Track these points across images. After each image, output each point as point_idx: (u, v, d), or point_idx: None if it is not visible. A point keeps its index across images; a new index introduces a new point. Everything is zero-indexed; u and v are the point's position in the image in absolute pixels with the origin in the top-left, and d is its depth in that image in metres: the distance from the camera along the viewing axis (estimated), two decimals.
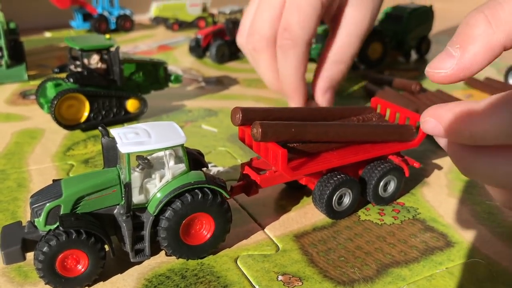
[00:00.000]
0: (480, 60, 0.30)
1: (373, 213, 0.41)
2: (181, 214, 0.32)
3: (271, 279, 0.32)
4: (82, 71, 0.55)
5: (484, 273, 0.33)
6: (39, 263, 0.30)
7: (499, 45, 0.30)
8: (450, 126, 0.28)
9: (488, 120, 0.27)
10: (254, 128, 0.35)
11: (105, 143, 0.34)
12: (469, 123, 0.28)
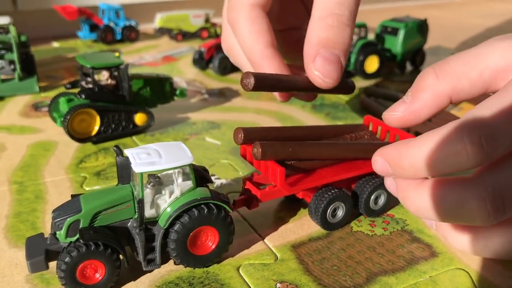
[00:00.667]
0: (428, 106, 0.35)
1: (364, 224, 0.44)
2: (188, 227, 0.36)
3: (270, 287, 0.36)
4: (93, 87, 0.58)
5: (465, 281, 0.37)
6: (61, 272, 0.33)
7: (445, 95, 0.35)
8: (394, 161, 0.33)
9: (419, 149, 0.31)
10: (254, 148, 0.38)
11: (119, 162, 0.37)
12: (407, 155, 0.32)
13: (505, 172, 0.31)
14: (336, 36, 0.38)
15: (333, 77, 0.37)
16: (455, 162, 0.31)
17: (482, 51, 0.36)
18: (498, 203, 0.31)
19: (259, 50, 0.39)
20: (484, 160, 0.30)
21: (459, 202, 0.32)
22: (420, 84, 0.37)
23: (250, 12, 0.40)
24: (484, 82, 0.35)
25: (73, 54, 1.03)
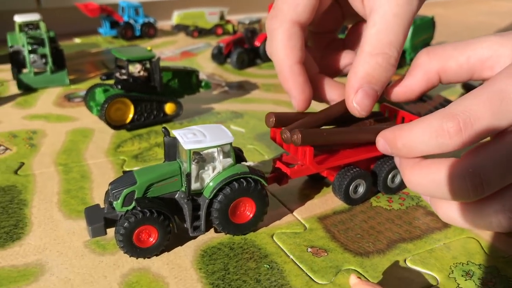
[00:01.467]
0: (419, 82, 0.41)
1: (382, 200, 0.48)
2: (230, 198, 0.40)
3: (302, 251, 0.40)
4: (128, 79, 0.63)
5: (475, 247, 0.41)
6: (120, 236, 0.38)
7: (434, 72, 0.41)
8: (390, 141, 0.39)
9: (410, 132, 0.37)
10: (294, 135, 0.42)
11: (167, 141, 0.42)
12: (401, 136, 0.38)
13: (484, 155, 0.36)
14: (381, 75, 0.42)
15: (367, 111, 0.43)
16: (440, 143, 0.36)
17: (472, 41, 0.41)
18: (476, 182, 0.35)
19: (289, 64, 0.44)
20: (463, 143, 0.36)
21: (445, 180, 0.37)
22: (414, 62, 0.43)
23: (290, 28, 0.44)
24: (470, 68, 0.41)
25: (95, 50, 1.07)
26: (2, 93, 0.79)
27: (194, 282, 0.37)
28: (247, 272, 0.38)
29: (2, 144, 0.60)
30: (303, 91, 0.44)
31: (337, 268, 0.38)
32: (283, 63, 0.45)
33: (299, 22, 0.45)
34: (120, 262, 0.39)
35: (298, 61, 0.44)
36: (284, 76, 0.45)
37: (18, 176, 0.53)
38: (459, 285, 0.37)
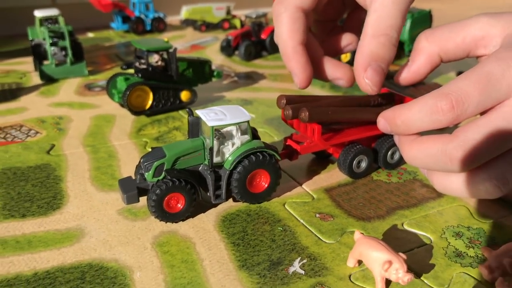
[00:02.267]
0: (424, 65, 0.46)
1: (383, 175, 0.53)
2: (247, 169, 0.45)
3: (311, 216, 0.45)
4: (147, 68, 0.68)
5: (464, 213, 0.46)
6: (152, 202, 0.42)
7: (435, 54, 0.46)
8: (390, 120, 0.44)
9: (408, 111, 0.42)
10: (302, 113, 0.46)
11: (190, 120, 0.46)
12: (400, 115, 0.42)
13: (474, 130, 0.41)
14: (385, 53, 0.46)
15: (378, 86, 0.47)
16: (435, 120, 0.41)
17: (466, 22, 0.46)
18: (467, 154, 0.40)
19: (292, 45, 0.48)
20: (455, 119, 0.40)
21: (439, 152, 0.41)
22: (415, 47, 0.47)
23: (294, 12, 0.49)
24: (466, 47, 0.46)
25: (108, 43, 1.12)
26: (26, 83, 0.84)
27: (217, 241, 0.42)
28: (263, 233, 0.43)
29: (32, 128, 0.65)
30: (305, 70, 0.48)
31: (342, 230, 0.43)
32: (287, 44, 0.49)
33: (303, 8, 0.49)
34: (151, 226, 0.44)
35: (301, 42, 0.48)
36: (288, 56, 0.49)
37: (50, 156, 0.57)
38: (450, 243, 0.42)
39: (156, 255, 0.40)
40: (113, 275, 0.38)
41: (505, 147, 0.42)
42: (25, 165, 0.55)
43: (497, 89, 0.40)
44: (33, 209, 0.47)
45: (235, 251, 0.40)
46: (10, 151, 0.58)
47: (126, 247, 0.41)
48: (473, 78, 0.41)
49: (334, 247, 0.41)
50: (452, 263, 0.39)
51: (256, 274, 0.38)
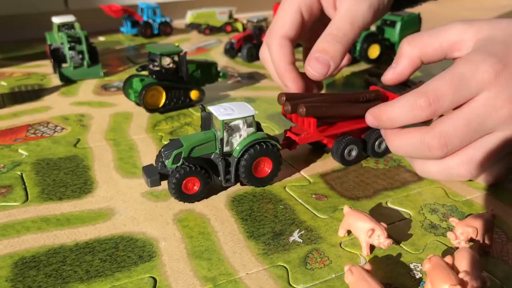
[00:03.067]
0: (407, 67, 0.53)
1: (371, 162, 0.60)
2: (253, 157, 0.52)
3: (308, 197, 0.52)
4: (160, 70, 0.75)
5: (441, 193, 0.53)
6: (172, 184, 0.49)
7: (417, 57, 0.53)
8: (378, 117, 0.51)
9: (392, 108, 0.49)
10: (300, 108, 0.54)
11: (203, 115, 0.53)
12: (385, 111, 0.50)
13: (448, 123, 0.48)
14: (328, 47, 0.58)
15: (319, 73, 0.58)
16: (415, 115, 0.48)
17: (443, 28, 0.53)
18: (442, 143, 0.47)
19: (283, 65, 0.61)
20: (432, 113, 0.48)
21: (419, 143, 0.49)
22: (399, 51, 0.55)
23: (281, 40, 0.62)
24: (443, 50, 0.53)
25: (119, 47, 1.19)
26: (46, 84, 0.91)
27: (228, 217, 0.49)
28: (267, 211, 0.50)
29: (58, 125, 0.72)
30: (296, 83, 0.61)
31: (334, 208, 0.50)
32: (279, 65, 0.61)
33: (288, 36, 0.62)
34: (171, 206, 0.51)
35: (290, 62, 0.61)
36: (281, 74, 0.61)
37: (77, 148, 0.64)
38: (426, 218, 0.49)
39: (177, 228, 0.47)
40: (142, 245, 0.45)
41: (475, 137, 0.49)
42: (56, 157, 0.62)
43: (468, 88, 0.48)
44: (67, 193, 0.54)
45: (243, 225, 0.48)
46: (41, 144, 0.65)
47: (151, 222, 0.48)
48: (447, 79, 0.48)
49: (327, 221, 0.48)
50: (427, 233, 0.46)
51: (262, 243, 0.45)
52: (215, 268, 0.42)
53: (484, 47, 0.49)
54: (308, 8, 0.62)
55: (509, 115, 0.47)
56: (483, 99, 0.48)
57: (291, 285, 0.40)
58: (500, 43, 0.49)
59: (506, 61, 0.47)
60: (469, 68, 0.48)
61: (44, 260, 0.43)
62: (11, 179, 0.56)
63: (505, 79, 0.47)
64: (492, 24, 0.52)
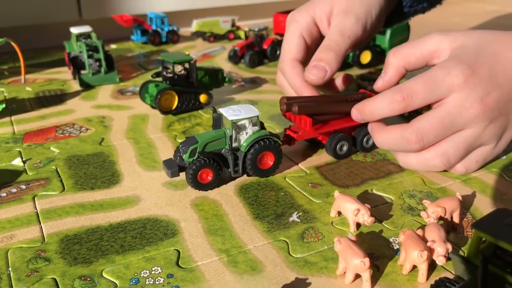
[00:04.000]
0: (394, 76, 0.61)
1: (360, 156, 0.68)
2: (258, 151, 0.60)
3: (305, 185, 0.60)
4: (173, 76, 0.83)
5: (419, 181, 0.61)
6: (190, 175, 0.57)
7: (401, 67, 0.62)
8: (361, 110, 0.59)
9: (373, 102, 0.57)
10: (293, 107, 0.62)
11: (215, 116, 0.61)
12: (367, 106, 0.58)
13: (424, 120, 0.56)
14: (324, 56, 0.67)
15: (318, 77, 0.67)
16: (392, 108, 0.56)
17: (423, 39, 0.61)
18: (419, 137, 0.55)
19: (298, 82, 0.70)
20: (406, 107, 0.56)
21: (400, 138, 0.57)
22: (386, 62, 0.63)
23: (291, 63, 0.72)
24: (424, 59, 0.61)
25: (130, 54, 1.27)
26: (67, 89, 0.99)
27: (237, 202, 0.57)
28: (270, 197, 0.58)
29: (83, 126, 0.80)
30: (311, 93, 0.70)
31: (327, 194, 0.58)
32: (294, 83, 0.71)
33: (296, 59, 0.72)
34: (188, 194, 0.59)
35: (303, 79, 0.70)
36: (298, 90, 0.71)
37: (102, 146, 0.72)
38: (405, 201, 0.57)
39: (194, 211, 0.55)
40: (166, 225, 0.53)
41: (447, 133, 0.57)
42: (84, 153, 0.70)
43: (439, 88, 0.56)
44: (98, 184, 0.62)
45: (250, 208, 0.56)
46: (70, 143, 0.73)
47: (172, 207, 0.56)
48: (421, 80, 0.56)
49: (321, 205, 0.56)
50: (406, 214, 0.54)
51: (266, 222, 0.53)
52: (228, 242, 0.50)
53: (457, 56, 0.57)
54: (308, 32, 0.72)
55: (477, 114, 0.55)
56: (454, 100, 0.55)
57: (291, 254, 0.48)
58: (471, 52, 0.57)
59: (475, 68, 0.55)
60: (442, 72, 0.56)
61: (84, 237, 0.51)
62: (47, 173, 0.65)
63: (473, 83, 0.55)
64: (466, 35, 0.60)
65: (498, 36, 0.59)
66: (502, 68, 0.56)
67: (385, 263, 0.47)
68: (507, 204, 0.56)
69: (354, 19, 0.68)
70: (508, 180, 0.61)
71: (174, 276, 0.45)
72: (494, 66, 0.56)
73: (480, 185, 0.60)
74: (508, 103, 0.56)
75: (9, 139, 0.75)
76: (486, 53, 0.57)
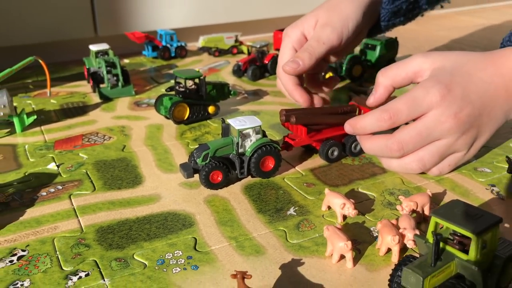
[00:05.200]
0: (383, 93, 0.71)
1: (349, 160, 0.78)
2: (260, 156, 0.69)
3: (300, 185, 0.70)
4: (185, 90, 0.93)
5: (398, 181, 0.70)
6: (203, 176, 0.67)
7: (389, 86, 0.71)
8: (353, 126, 0.69)
9: (364, 119, 0.66)
10: (291, 118, 0.72)
11: (223, 126, 0.71)
12: (358, 122, 0.67)
13: (405, 132, 0.65)
14: (299, 54, 0.82)
15: (291, 67, 0.81)
16: (379, 125, 0.66)
17: (408, 61, 0.70)
18: (399, 146, 0.65)
19: (290, 86, 0.84)
20: (392, 124, 0.65)
21: (384, 146, 0.66)
22: (376, 81, 0.73)
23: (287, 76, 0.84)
24: (409, 78, 0.70)
25: (142, 68, 1.37)
26: (88, 102, 1.09)
27: (243, 199, 0.66)
28: (271, 195, 0.68)
29: (105, 134, 0.90)
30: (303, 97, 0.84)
31: (320, 192, 0.68)
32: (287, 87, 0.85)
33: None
34: (201, 192, 0.69)
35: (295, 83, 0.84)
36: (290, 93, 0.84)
37: (124, 152, 0.82)
38: (385, 198, 0.66)
39: (207, 207, 0.65)
40: (183, 217, 0.63)
41: (424, 143, 0.66)
42: (109, 159, 0.80)
43: (419, 107, 0.65)
44: (124, 184, 0.72)
45: (254, 204, 0.65)
46: (96, 150, 0.83)
47: (188, 203, 0.66)
48: (404, 100, 0.66)
49: (314, 201, 0.66)
50: (385, 208, 0.64)
51: (268, 215, 0.63)
52: (236, 231, 0.59)
53: (435, 76, 0.66)
54: (299, 45, 0.83)
55: (451, 127, 0.64)
56: (431, 115, 0.64)
57: (288, 241, 0.57)
58: (447, 73, 0.66)
59: (450, 87, 0.64)
60: (422, 92, 0.65)
61: (116, 228, 0.61)
62: (79, 175, 0.74)
63: (448, 101, 0.64)
64: (444, 56, 0.69)
65: (471, 58, 0.68)
66: (474, 87, 0.65)
67: (365, 247, 0.56)
68: (472, 199, 0.66)
69: (330, 30, 0.82)
70: (475, 180, 0.71)
71: (193, 257, 0.55)
72: (467, 85, 0.65)
73: (451, 184, 0.70)
74: (478, 117, 0.65)
75: (42, 146, 0.85)
76: (460, 74, 0.65)
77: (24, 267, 0.54)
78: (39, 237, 0.59)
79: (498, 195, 0.67)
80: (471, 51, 0.70)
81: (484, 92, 0.65)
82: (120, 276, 0.52)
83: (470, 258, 0.44)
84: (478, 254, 0.44)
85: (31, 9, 1.34)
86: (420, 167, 0.68)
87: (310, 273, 0.52)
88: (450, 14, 2.21)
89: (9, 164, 0.78)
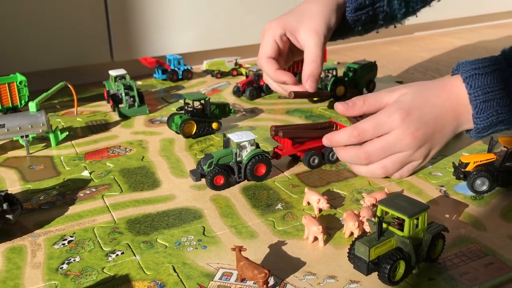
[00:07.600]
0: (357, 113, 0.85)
1: (327, 166, 0.94)
2: (254, 163, 0.85)
3: (288, 186, 0.85)
4: (193, 110, 1.09)
5: (366, 183, 0.86)
6: (209, 179, 0.83)
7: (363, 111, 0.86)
8: (329, 140, 0.85)
9: (338, 134, 0.82)
10: (280, 132, 0.88)
11: (224, 139, 0.87)
12: (334, 137, 0.83)
13: (372, 145, 0.81)
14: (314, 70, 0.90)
15: (312, 87, 0.90)
16: (351, 140, 0.81)
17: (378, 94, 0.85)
18: (366, 156, 0.81)
19: (272, 71, 0.92)
20: (360, 140, 0.80)
21: (355, 155, 0.82)
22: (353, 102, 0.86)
23: (266, 60, 0.93)
24: (378, 107, 0.84)
25: (153, 89, 1.53)
26: (109, 120, 1.25)
27: (241, 198, 0.82)
28: (263, 194, 0.83)
29: (127, 147, 1.06)
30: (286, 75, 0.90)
31: (302, 191, 0.83)
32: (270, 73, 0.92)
33: (270, 56, 0.93)
34: (207, 193, 0.85)
35: (277, 68, 0.91)
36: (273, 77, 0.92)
37: (144, 162, 0.98)
38: (354, 195, 0.82)
39: (212, 203, 0.81)
40: (194, 212, 0.79)
41: (387, 154, 0.82)
42: (132, 167, 0.96)
43: (383, 128, 0.81)
44: (145, 187, 0.88)
45: (250, 201, 0.81)
46: (120, 160, 0.99)
47: (197, 201, 0.82)
48: (370, 122, 0.82)
49: (298, 198, 0.82)
50: (353, 204, 0.80)
51: (260, 209, 0.79)
52: (235, 221, 0.75)
53: (398, 102, 0.82)
54: (279, 37, 0.92)
55: (409, 143, 0.80)
56: (393, 134, 0.80)
57: (275, 228, 0.73)
58: (409, 99, 0.81)
59: (409, 111, 0.80)
60: (385, 116, 0.81)
61: (141, 220, 0.77)
62: (108, 180, 0.90)
63: (408, 122, 0.79)
64: (407, 87, 0.85)
65: (429, 86, 0.84)
66: (429, 111, 0.80)
67: (334, 232, 0.72)
68: (424, 197, 0.81)
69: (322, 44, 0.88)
70: (428, 181, 0.87)
71: (202, 240, 0.71)
72: (423, 109, 0.80)
73: (408, 185, 0.86)
74: (431, 135, 0.81)
75: (74, 157, 1.01)
76: (419, 100, 0.81)
77: (74, 248, 0.70)
78: (82, 227, 0.75)
79: (445, 193, 0.83)
80: (446, 70, 0.86)
81: (436, 114, 0.81)
82: (148, 253, 0.68)
83: (405, 235, 0.60)
84: (411, 231, 0.60)
85: (55, 37, 1.51)
86: (384, 172, 0.84)
87: (291, 250, 0.68)
88: (429, 36, 2.36)
89: (49, 172, 0.94)
